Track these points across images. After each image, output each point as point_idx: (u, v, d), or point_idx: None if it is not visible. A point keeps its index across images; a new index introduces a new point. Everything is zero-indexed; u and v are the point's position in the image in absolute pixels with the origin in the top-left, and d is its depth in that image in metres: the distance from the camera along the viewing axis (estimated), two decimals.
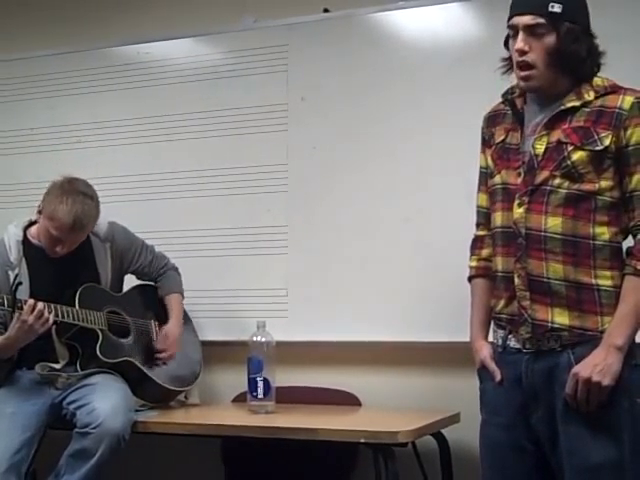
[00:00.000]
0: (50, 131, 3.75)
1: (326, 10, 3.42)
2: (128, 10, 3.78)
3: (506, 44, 2.27)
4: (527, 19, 2.15)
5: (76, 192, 2.89)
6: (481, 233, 2.41)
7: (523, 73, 2.18)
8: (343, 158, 3.34)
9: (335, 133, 3.36)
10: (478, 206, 2.42)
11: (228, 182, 3.48)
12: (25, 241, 3.01)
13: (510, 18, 2.20)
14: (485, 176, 2.38)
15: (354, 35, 3.34)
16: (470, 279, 2.43)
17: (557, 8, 2.13)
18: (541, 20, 2.14)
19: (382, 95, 3.29)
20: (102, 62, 3.69)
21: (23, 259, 2.97)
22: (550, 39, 2.15)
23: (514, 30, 2.19)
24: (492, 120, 2.36)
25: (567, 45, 2.14)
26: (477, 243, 2.43)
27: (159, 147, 3.59)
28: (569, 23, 2.15)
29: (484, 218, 2.40)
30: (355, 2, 3.36)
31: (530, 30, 2.15)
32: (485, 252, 2.39)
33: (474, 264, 2.42)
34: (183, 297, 3.32)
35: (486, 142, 2.37)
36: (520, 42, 2.16)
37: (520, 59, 2.17)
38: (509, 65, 2.27)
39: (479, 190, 2.41)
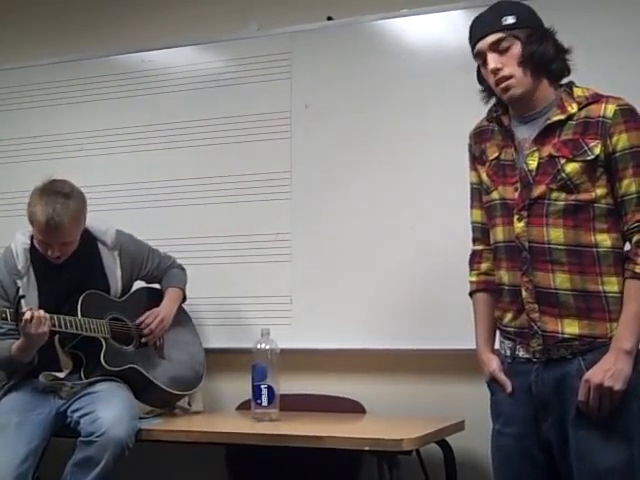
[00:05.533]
0: (52, 139, 3.75)
1: (329, 18, 3.43)
2: (131, 18, 3.79)
3: (479, 79, 2.32)
4: (489, 39, 2.21)
5: (50, 192, 2.89)
6: (479, 247, 2.42)
7: (503, 85, 2.22)
8: (346, 165, 3.35)
9: (338, 140, 3.36)
10: (473, 222, 2.43)
11: (231, 190, 3.48)
12: (32, 249, 3.02)
13: (473, 48, 2.26)
14: (478, 192, 2.39)
15: (357, 43, 3.35)
16: (472, 294, 2.43)
17: (511, 19, 2.21)
18: (501, 35, 2.20)
19: (385, 102, 3.29)
20: (105, 70, 3.70)
21: (31, 267, 2.99)
22: (516, 49, 2.21)
23: (482, 57, 2.24)
24: (479, 136, 2.38)
25: (534, 47, 2.19)
26: (475, 258, 2.43)
27: (162, 155, 3.60)
28: (527, 29, 2.21)
29: (481, 233, 2.41)
30: (358, 10, 3.37)
31: (495, 48, 2.21)
32: (484, 266, 2.39)
33: (474, 279, 2.42)
34: (183, 291, 3.28)
35: (477, 158, 2.38)
36: (492, 62, 2.21)
37: (498, 76, 2.21)
38: (488, 94, 2.32)
39: (472, 206, 2.43)
